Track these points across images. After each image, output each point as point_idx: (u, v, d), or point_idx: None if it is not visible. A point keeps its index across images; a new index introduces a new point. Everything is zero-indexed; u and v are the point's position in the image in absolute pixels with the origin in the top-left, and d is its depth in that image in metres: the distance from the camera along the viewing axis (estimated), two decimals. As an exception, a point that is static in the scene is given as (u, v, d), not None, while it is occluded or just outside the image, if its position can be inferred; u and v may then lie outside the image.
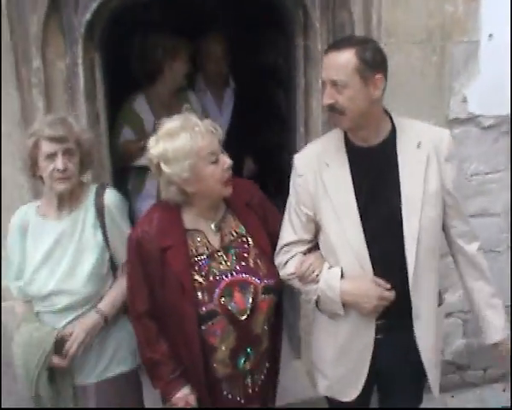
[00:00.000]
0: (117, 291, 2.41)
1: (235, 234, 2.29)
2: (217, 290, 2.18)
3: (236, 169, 2.27)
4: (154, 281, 2.20)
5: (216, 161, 2.15)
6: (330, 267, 2.21)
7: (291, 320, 3.52)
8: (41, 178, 2.35)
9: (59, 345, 2.32)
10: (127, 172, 3.60)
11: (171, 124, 2.16)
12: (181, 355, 2.25)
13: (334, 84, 2.04)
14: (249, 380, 2.33)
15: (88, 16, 2.78)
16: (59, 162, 2.26)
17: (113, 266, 2.44)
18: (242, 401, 2.34)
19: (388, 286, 2.15)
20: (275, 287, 2.28)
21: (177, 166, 2.12)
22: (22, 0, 2.66)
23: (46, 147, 2.26)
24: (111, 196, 2.44)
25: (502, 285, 3.36)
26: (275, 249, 2.33)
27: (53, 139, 2.26)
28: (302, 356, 3.47)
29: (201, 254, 2.22)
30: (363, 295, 2.15)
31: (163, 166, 2.14)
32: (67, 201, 2.38)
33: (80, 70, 2.80)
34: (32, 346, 2.31)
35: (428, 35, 2.94)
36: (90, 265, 2.34)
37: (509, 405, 3.25)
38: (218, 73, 3.95)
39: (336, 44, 2.15)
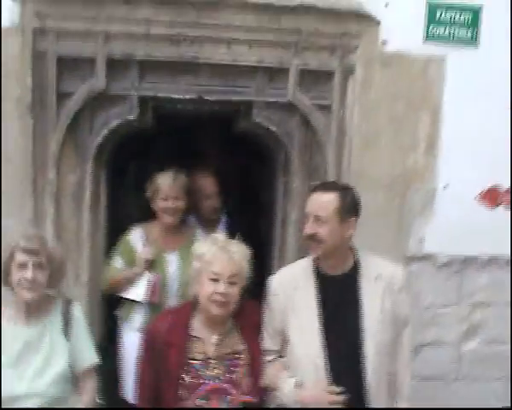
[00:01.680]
0: (88, 398, 2.63)
1: (232, 349, 2.55)
2: (197, 392, 2.46)
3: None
4: (156, 371, 2.49)
5: (215, 282, 2.46)
6: (287, 378, 2.50)
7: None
8: (12, 285, 2.48)
9: None
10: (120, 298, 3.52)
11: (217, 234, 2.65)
12: None
13: (317, 218, 2.44)
14: None
15: (99, 140, 3.27)
16: (28, 273, 2.42)
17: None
18: None
19: (339, 392, 2.41)
20: (254, 403, 2.52)
21: (193, 262, 2.53)
22: (45, 121, 3.17)
23: (19, 257, 2.43)
24: (78, 309, 2.64)
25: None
26: None
27: (26, 250, 2.43)
28: None
29: (196, 359, 2.50)
30: (317, 403, 2.44)
31: None
32: (35, 309, 2.51)
33: (87, 184, 3.26)
34: None
35: (391, 181, 3.41)
36: (58, 370, 2.50)
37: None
38: (213, 210, 3.83)
39: (323, 186, 2.58)
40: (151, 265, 3.36)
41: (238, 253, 2.50)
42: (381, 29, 3.34)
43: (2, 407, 2.47)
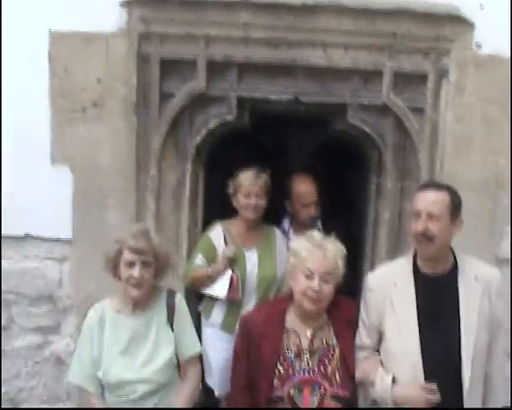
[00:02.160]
0: (192, 385, 2.74)
1: (325, 343, 2.63)
2: (289, 382, 2.55)
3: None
4: (250, 360, 2.60)
5: (309, 278, 2.54)
6: (384, 374, 2.55)
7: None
8: (119, 278, 2.60)
9: None
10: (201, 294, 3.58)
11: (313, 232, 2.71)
12: None
13: (430, 215, 2.49)
14: None
15: (198, 139, 3.40)
16: (136, 271, 2.53)
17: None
18: None
19: (434, 389, 2.45)
20: (343, 397, 2.58)
21: (289, 256, 2.65)
22: (148, 120, 3.34)
23: (127, 255, 2.53)
24: (181, 300, 2.74)
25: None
26: None
27: (134, 250, 2.52)
28: None
29: (290, 350, 2.60)
30: (412, 400, 2.48)
31: None
32: (141, 301, 2.63)
33: (187, 182, 3.40)
34: None
35: (483, 184, 3.40)
36: (165, 357, 2.64)
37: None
38: (310, 218, 3.71)
39: (433, 185, 2.64)
40: (231, 262, 3.40)
41: (333, 250, 2.57)
42: (476, 32, 3.35)
43: (109, 392, 2.62)
